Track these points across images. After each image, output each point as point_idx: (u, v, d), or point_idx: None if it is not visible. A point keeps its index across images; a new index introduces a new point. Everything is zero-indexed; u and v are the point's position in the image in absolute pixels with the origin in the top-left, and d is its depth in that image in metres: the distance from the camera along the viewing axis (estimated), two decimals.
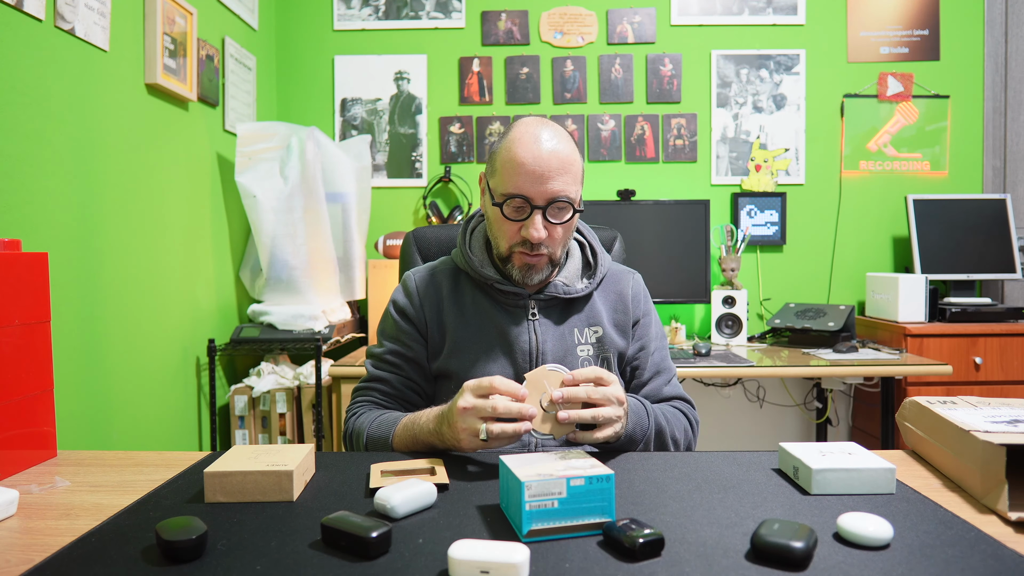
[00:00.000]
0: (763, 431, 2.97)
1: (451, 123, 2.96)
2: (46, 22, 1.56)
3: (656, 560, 0.68)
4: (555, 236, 1.15)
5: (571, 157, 1.14)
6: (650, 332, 1.28)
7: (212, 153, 2.39)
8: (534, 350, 1.19)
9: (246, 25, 2.66)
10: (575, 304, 1.24)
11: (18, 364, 1.00)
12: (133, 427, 1.88)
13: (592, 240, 1.30)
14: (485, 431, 0.94)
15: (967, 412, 0.96)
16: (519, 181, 1.11)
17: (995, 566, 0.66)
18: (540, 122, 1.16)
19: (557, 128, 1.16)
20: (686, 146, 2.94)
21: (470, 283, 1.24)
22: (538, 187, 1.11)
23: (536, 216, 1.12)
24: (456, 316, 1.22)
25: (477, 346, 1.20)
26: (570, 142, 1.16)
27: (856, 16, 2.92)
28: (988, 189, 2.92)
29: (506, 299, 1.21)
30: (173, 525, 0.71)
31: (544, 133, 1.13)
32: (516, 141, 1.13)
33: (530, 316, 1.21)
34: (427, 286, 1.25)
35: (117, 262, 1.83)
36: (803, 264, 2.96)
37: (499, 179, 1.14)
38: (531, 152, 1.11)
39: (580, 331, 1.22)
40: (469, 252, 1.24)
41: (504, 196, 1.13)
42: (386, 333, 1.27)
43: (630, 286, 1.29)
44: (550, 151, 1.11)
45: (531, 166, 1.11)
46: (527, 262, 1.16)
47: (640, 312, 1.28)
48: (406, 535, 0.75)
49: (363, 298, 2.75)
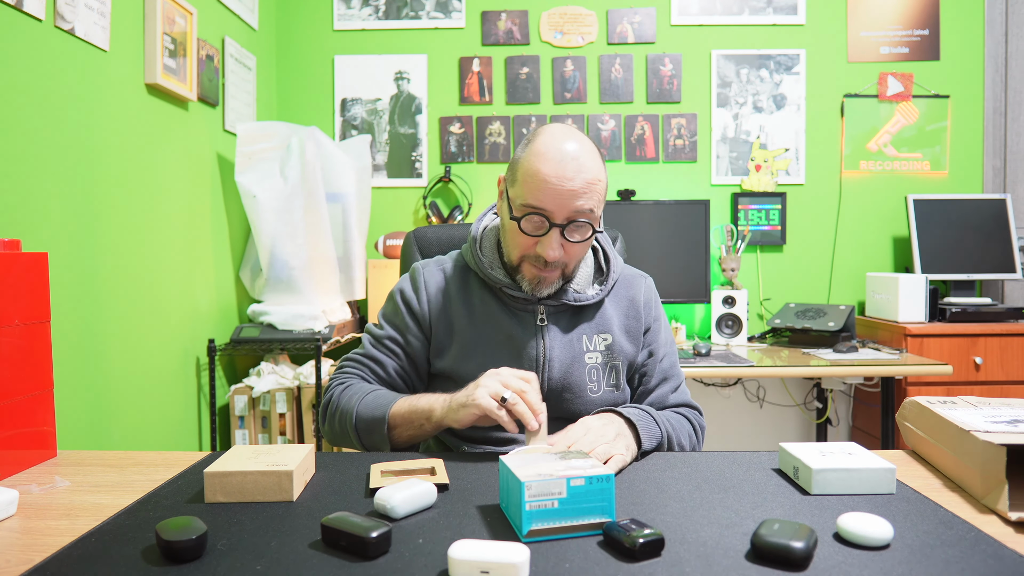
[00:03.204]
0: (763, 431, 2.97)
1: (451, 123, 2.96)
2: (46, 22, 1.56)
3: (656, 560, 0.68)
4: (570, 253, 1.12)
5: (597, 175, 1.09)
6: (660, 338, 1.26)
7: (212, 153, 2.39)
8: (541, 357, 1.17)
9: (246, 25, 2.66)
10: (585, 311, 1.21)
11: (18, 364, 1.00)
12: (133, 427, 1.88)
13: (606, 245, 1.26)
14: (510, 394, 0.97)
15: (967, 412, 0.96)
16: (540, 196, 1.07)
17: (995, 566, 0.66)
18: (568, 134, 1.10)
19: (585, 142, 1.11)
20: (686, 146, 2.94)
21: (479, 283, 1.21)
22: (559, 204, 1.07)
23: (554, 234, 1.08)
24: (465, 317, 1.19)
25: (484, 350, 1.18)
26: (597, 158, 1.11)
27: (856, 16, 2.92)
28: (988, 189, 2.92)
29: (515, 303, 1.19)
30: (173, 525, 0.71)
31: (571, 148, 1.08)
32: (541, 154, 1.08)
33: (539, 322, 1.18)
34: (436, 283, 1.22)
35: (117, 262, 1.83)
36: (803, 264, 2.96)
37: (519, 190, 1.10)
38: (556, 168, 1.06)
39: (589, 338, 1.20)
40: (479, 252, 1.21)
41: (523, 208, 1.09)
42: (388, 317, 1.24)
43: (643, 291, 1.26)
44: (576, 169, 1.06)
45: (554, 183, 1.06)
46: (538, 275, 1.13)
47: (651, 318, 1.26)
48: (406, 535, 0.75)
49: (363, 298, 2.75)
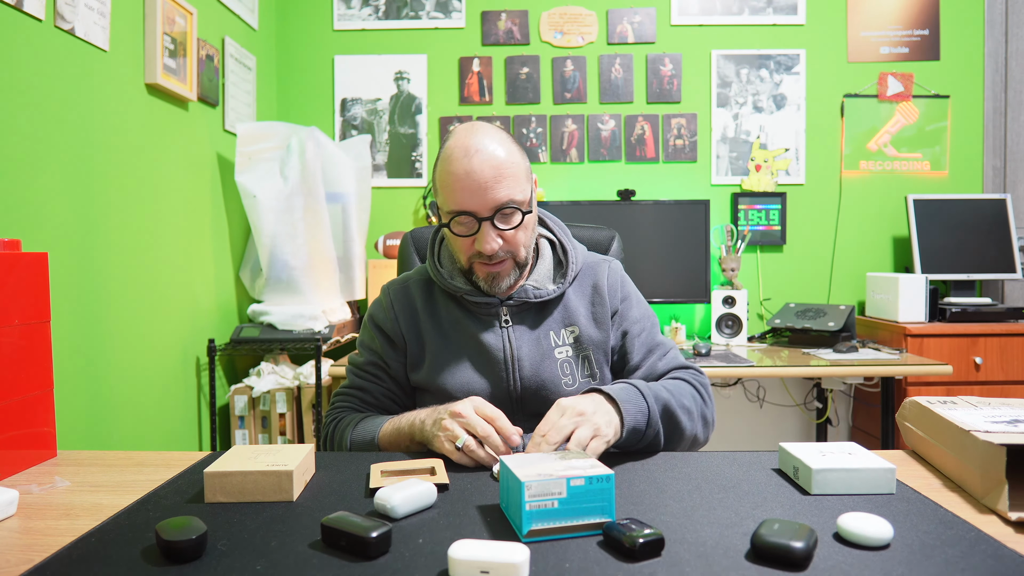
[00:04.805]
0: (763, 431, 2.97)
1: (451, 123, 2.96)
2: (46, 22, 1.56)
3: (656, 560, 0.68)
4: (511, 241, 1.12)
5: (507, 160, 1.09)
6: (631, 315, 1.24)
7: (212, 153, 2.39)
8: (510, 357, 1.17)
9: (246, 25, 2.66)
10: (548, 306, 1.21)
11: (18, 364, 1.00)
12: (133, 427, 1.88)
13: (562, 237, 1.26)
14: (463, 442, 0.96)
15: (967, 412, 0.96)
16: (458, 196, 1.08)
17: (995, 566, 0.66)
18: (471, 129, 1.11)
19: (491, 131, 1.11)
20: (686, 146, 2.94)
21: (442, 294, 1.23)
22: (478, 199, 1.07)
23: (485, 228, 1.09)
24: (432, 328, 1.21)
25: (455, 358, 1.19)
26: (505, 144, 1.11)
27: (856, 16, 2.92)
28: (988, 189, 2.92)
29: (478, 308, 1.19)
30: (173, 525, 0.71)
31: (475, 141, 1.08)
32: (449, 156, 1.09)
33: (503, 324, 1.19)
34: (402, 300, 1.24)
35: (117, 262, 1.83)
36: (803, 264, 2.96)
37: (442, 197, 1.12)
38: (464, 165, 1.07)
39: (556, 333, 1.20)
40: (438, 264, 1.22)
41: (449, 214, 1.10)
42: (365, 344, 1.27)
43: (606, 275, 1.24)
44: (483, 159, 1.07)
45: (466, 179, 1.07)
46: (489, 271, 1.14)
47: (618, 300, 1.24)
48: (406, 535, 0.75)
49: (363, 298, 2.75)
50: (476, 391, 1.16)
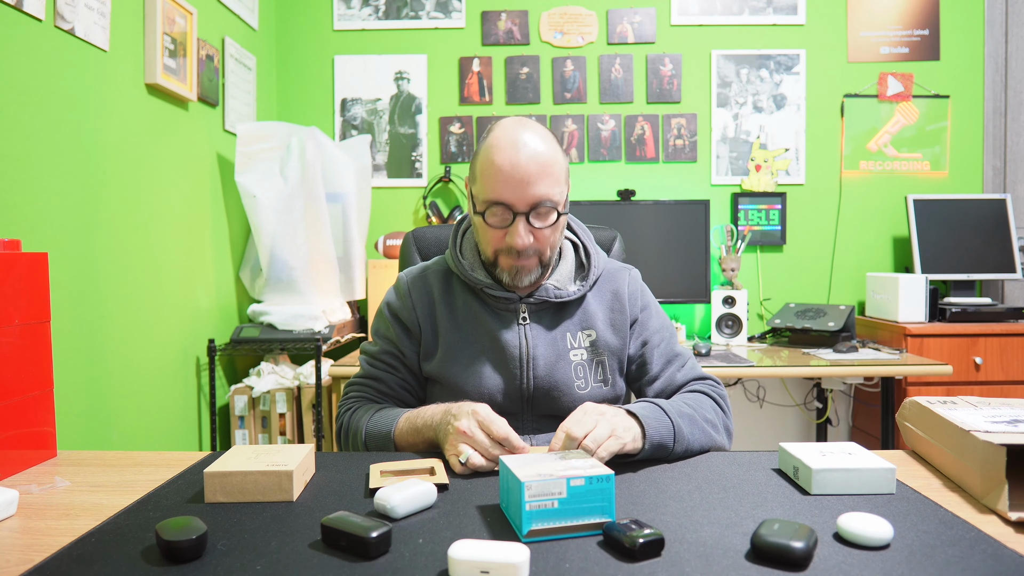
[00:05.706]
0: (763, 431, 2.97)
1: (451, 123, 2.96)
2: (46, 22, 1.56)
3: (656, 560, 0.68)
4: (541, 239, 1.13)
5: (552, 158, 1.10)
6: (651, 325, 1.25)
7: (212, 153, 2.39)
8: (525, 356, 1.17)
9: (246, 25, 2.66)
10: (568, 308, 1.21)
11: (18, 364, 1.00)
12: (133, 427, 1.88)
13: (586, 240, 1.27)
14: (466, 458, 0.94)
15: (967, 412, 0.96)
16: (499, 188, 1.09)
17: (995, 566, 0.66)
18: (519, 124, 1.12)
19: (538, 128, 1.12)
20: (686, 146, 2.94)
21: (461, 285, 1.23)
22: (518, 193, 1.08)
23: (519, 222, 1.10)
24: (448, 320, 1.20)
25: (469, 352, 1.18)
26: (551, 142, 1.12)
27: (856, 16, 2.92)
28: (988, 189, 2.92)
29: (497, 303, 1.19)
30: (173, 525, 0.71)
31: (523, 136, 1.09)
32: (494, 146, 1.10)
33: (520, 320, 1.18)
34: (419, 288, 1.24)
35: (117, 262, 1.83)
36: (803, 264, 2.96)
37: (480, 186, 1.12)
38: (509, 157, 1.08)
39: (573, 335, 1.20)
40: (459, 255, 1.22)
41: (485, 203, 1.11)
42: (380, 332, 1.26)
43: (626, 283, 1.25)
44: (529, 155, 1.08)
45: (510, 172, 1.08)
46: (514, 265, 1.14)
47: (638, 309, 1.25)
48: (406, 535, 0.75)
49: (363, 298, 2.75)
50: (488, 387, 1.16)
